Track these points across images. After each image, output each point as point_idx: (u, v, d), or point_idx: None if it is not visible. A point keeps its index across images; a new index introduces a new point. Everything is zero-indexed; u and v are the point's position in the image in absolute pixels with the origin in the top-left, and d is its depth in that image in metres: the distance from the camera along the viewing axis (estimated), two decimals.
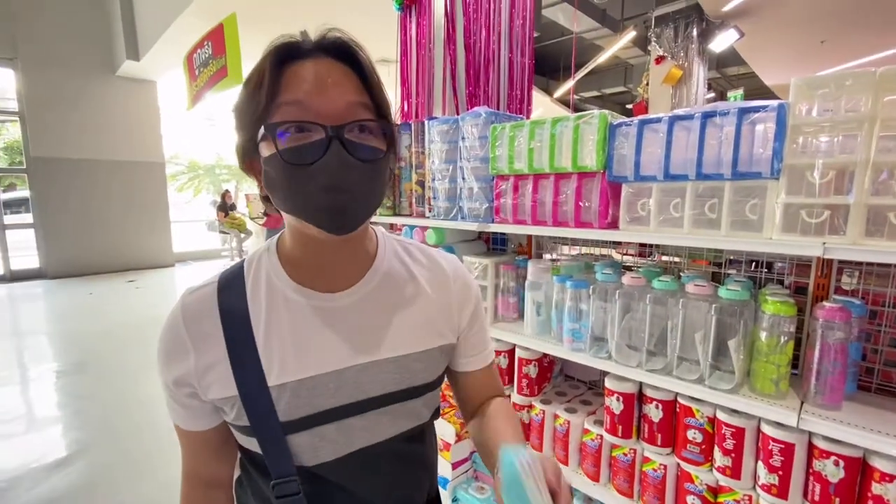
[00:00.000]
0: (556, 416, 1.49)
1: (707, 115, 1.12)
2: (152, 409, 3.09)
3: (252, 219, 8.50)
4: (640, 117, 1.24)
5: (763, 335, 1.08)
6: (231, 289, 0.61)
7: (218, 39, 4.81)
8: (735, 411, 1.11)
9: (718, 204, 1.13)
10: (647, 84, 5.28)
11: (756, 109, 1.04)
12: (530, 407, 1.58)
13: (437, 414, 0.75)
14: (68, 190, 7.58)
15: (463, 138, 1.67)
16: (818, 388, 1.04)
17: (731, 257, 1.42)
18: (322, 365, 0.59)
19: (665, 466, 1.26)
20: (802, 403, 1.05)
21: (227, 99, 8.26)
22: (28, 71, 7.10)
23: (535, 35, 2.39)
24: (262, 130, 0.52)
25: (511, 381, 1.62)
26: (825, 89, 0.97)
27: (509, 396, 1.34)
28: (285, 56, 0.53)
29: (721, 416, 1.13)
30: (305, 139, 0.51)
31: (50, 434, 2.81)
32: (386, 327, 0.64)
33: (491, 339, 0.84)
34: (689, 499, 1.21)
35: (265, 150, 0.54)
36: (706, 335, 1.14)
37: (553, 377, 1.68)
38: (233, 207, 8.61)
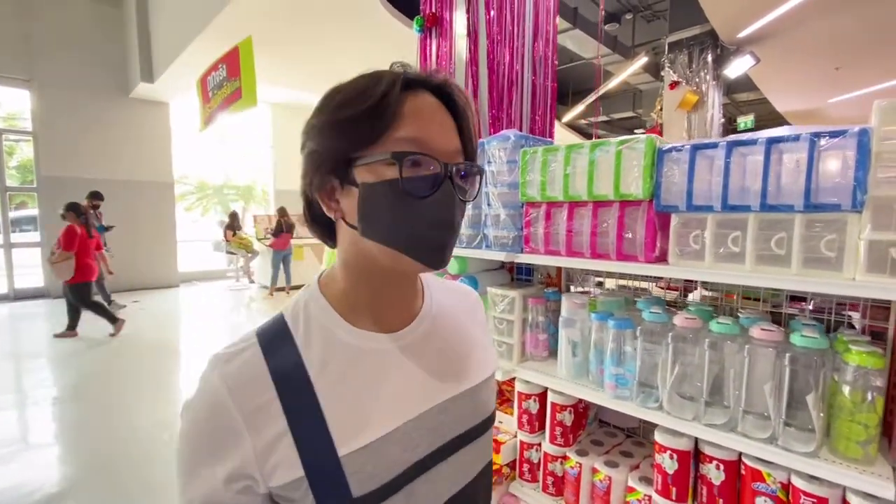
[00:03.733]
0: (594, 471, 1.34)
1: (773, 141, 1.01)
2: (148, 442, 2.93)
3: (259, 239, 8.44)
4: (694, 142, 1.13)
5: (846, 390, 0.94)
6: (279, 346, 0.52)
7: (233, 62, 4.83)
8: (814, 477, 0.96)
9: (787, 239, 1.01)
10: (661, 109, 5.23)
11: (833, 135, 0.93)
12: (564, 458, 1.42)
13: None
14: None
15: (489, 162, 1.57)
16: None
17: (791, 295, 1.29)
18: (403, 413, 0.53)
19: None
20: (895, 471, 0.91)
21: (239, 120, 8.32)
22: (43, 92, 7.19)
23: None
24: (382, 156, 0.49)
25: (542, 428, 1.48)
26: None
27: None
28: (403, 86, 0.51)
29: (798, 482, 0.98)
30: (420, 171, 0.50)
31: (41, 467, 2.65)
32: (453, 359, 0.61)
33: None
34: None
35: (370, 175, 0.50)
36: (778, 387, 1.00)
37: (588, 423, 1.54)
38: (238, 228, 8.56)
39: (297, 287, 8.20)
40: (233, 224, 8.47)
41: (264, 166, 11.09)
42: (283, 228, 7.42)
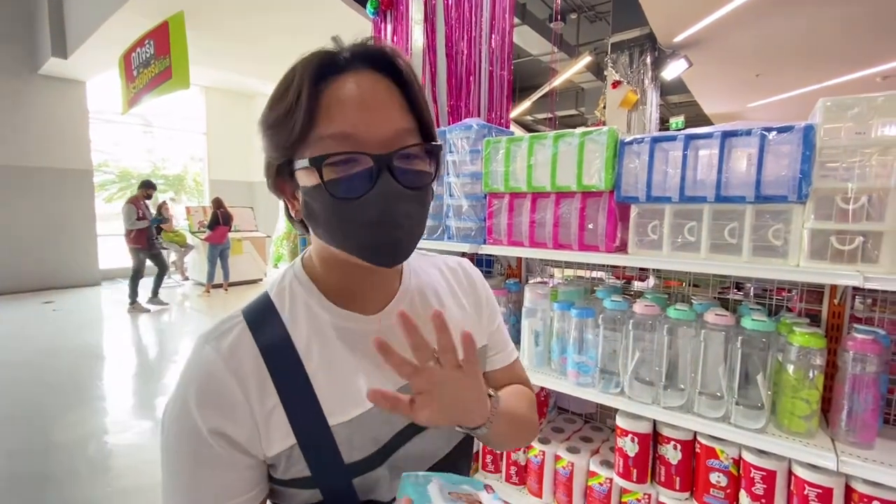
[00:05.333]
0: (557, 458, 1.36)
1: (727, 135, 1.05)
2: (69, 459, 2.64)
3: (193, 233, 7.87)
4: (654, 135, 1.16)
5: (790, 368, 1.01)
6: (266, 323, 0.51)
7: (162, 38, 4.43)
8: (763, 452, 1.03)
9: (739, 228, 1.07)
10: (604, 107, 5.45)
11: (781, 130, 0.99)
12: (528, 448, 1.43)
13: None
14: None
15: (450, 151, 1.54)
16: (849, 426, 0.98)
17: (737, 282, 1.37)
18: (383, 388, 0.53)
19: None
20: (833, 442, 0.99)
21: (167, 102, 7.67)
22: None
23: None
24: (304, 162, 0.45)
25: None
26: (855, 110, 0.93)
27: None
28: (323, 72, 0.46)
29: (748, 457, 1.05)
30: (351, 170, 0.45)
31: None
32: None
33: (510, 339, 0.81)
34: None
35: (305, 179, 0.47)
36: (731, 369, 1.05)
37: (548, 411, 1.56)
38: (165, 221, 7.90)
39: (236, 284, 7.74)
40: (164, 216, 7.82)
41: (197, 154, 10.37)
42: (219, 221, 6.94)
